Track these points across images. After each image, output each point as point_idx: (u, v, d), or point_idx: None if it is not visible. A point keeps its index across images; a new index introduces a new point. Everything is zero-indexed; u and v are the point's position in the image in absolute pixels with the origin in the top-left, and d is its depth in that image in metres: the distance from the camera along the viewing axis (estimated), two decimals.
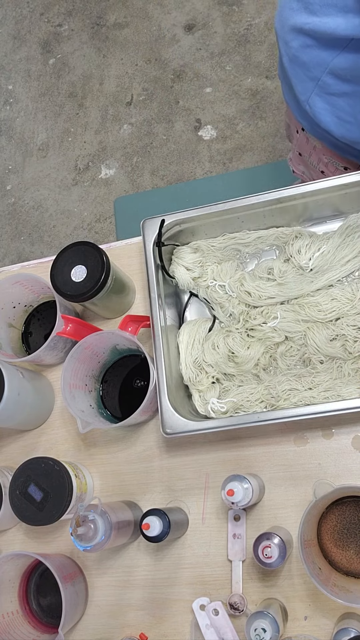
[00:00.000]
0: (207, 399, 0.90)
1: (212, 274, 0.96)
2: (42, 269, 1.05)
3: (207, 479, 0.89)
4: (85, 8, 2.48)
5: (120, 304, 0.99)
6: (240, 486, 0.77)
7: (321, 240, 0.92)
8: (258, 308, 0.93)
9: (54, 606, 0.90)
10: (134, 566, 0.89)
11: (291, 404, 0.86)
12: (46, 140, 2.35)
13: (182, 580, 0.86)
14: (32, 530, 0.94)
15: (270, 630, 0.72)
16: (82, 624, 0.89)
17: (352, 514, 0.80)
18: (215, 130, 2.18)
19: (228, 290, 0.94)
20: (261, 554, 0.75)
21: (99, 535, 0.75)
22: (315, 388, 0.86)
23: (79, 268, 0.90)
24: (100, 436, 0.96)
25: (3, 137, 2.41)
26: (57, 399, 1.00)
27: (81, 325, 0.92)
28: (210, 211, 0.91)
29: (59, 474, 0.83)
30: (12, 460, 0.98)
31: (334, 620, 0.79)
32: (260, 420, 0.81)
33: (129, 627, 0.87)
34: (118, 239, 1.38)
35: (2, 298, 0.96)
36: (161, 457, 0.92)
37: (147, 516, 0.78)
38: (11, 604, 0.88)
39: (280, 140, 2.09)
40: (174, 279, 0.96)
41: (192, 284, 0.96)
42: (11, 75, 2.49)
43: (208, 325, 0.95)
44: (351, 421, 0.86)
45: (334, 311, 0.89)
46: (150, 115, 2.26)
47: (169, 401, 0.84)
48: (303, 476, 0.85)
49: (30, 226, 2.26)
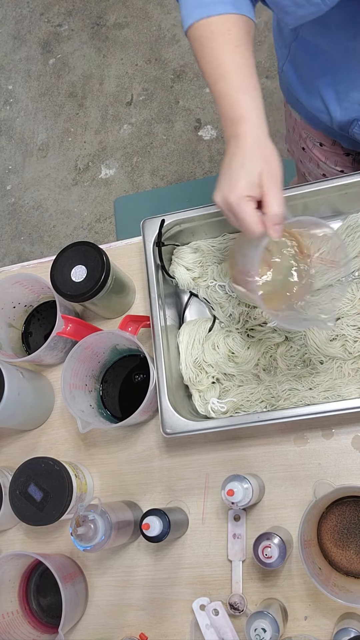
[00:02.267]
0: (207, 398, 0.90)
1: (212, 274, 0.96)
2: (42, 269, 1.05)
3: (207, 479, 0.89)
4: (85, 8, 2.48)
5: (120, 304, 0.99)
6: (240, 486, 0.77)
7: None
8: (258, 308, 0.93)
9: (54, 606, 0.90)
10: (134, 566, 0.89)
11: (291, 404, 0.86)
12: (46, 140, 2.35)
13: (182, 580, 0.86)
14: (32, 530, 0.94)
15: (270, 630, 0.72)
16: (82, 624, 0.89)
17: (352, 514, 0.80)
18: (215, 130, 2.18)
19: (228, 290, 0.94)
20: (261, 554, 0.75)
21: (99, 535, 0.75)
22: (315, 388, 0.86)
23: (79, 268, 0.90)
24: (100, 436, 0.96)
25: (3, 137, 2.41)
26: (57, 399, 1.00)
27: (81, 325, 0.92)
28: (210, 211, 0.91)
29: (59, 474, 0.83)
30: (12, 460, 0.98)
31: (334, 620, 0.79)
32: (260, 420, 0.81)
33: (129, 627, 0.87)
34: (118, 239, 1.38)
35: (2, 298, 0.96)
36: (161, 457, 0.92)
37: (147, 516, 0.78)
38: (11, 604, 0.88)
39: (280, 140, 2.09)
40: (174, 279, 0.96)
41: (192, 284, 0.96)
42: (11, 75, 2.49)
43: (208, 325, 0.95)
44: (351, 421, 0.86)
45: (334, 311, 0.89)
46: (150, 115, 2.26)
47: (169, 401, 0.84)
48: (303, 476, 0.85)
49: (30, 226, 2.26)
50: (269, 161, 0.68)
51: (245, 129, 0.68)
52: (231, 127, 0.69)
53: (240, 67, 0.69)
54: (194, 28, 0.71)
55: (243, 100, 0.68)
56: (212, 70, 0.70)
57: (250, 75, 0.70)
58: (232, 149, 0.69)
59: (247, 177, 0.66)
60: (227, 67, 0.69)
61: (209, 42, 0.70)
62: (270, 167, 0.67)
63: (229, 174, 0.68)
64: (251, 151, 0.67)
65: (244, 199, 0.67)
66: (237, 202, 0.67)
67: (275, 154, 0.69)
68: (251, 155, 0.67)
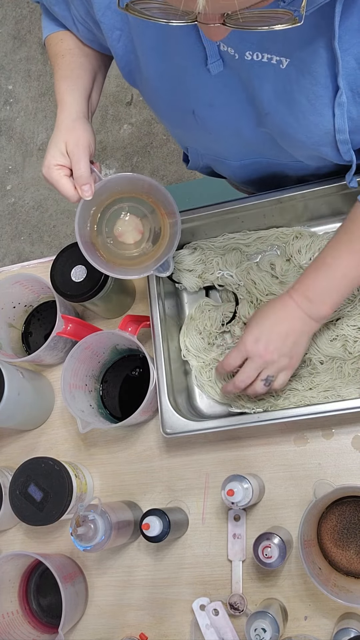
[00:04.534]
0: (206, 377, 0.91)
1: (217, 265, 0.96)
2: (42, 269, 1.05)
3: (207, 479, 0.89)
4: None
5: (120, 304, 0.99)
6: (240, 486, 0.77)
7: (321, 240, 0.92)
8: None
9: (54, 606, 0.90)
10: (134, 566, 0.89)
11: (291, 403, 0.86)
12: (46, 140, 2.35)
13: (182, 580, 0.86)
14: (32, 530, 0.94)
15: (270, 630, 0.72)
16: (82, 624, 0.89)
17: (352, 514, 0.80)
18: None
19: (236, 279, 0.94)
20: (261, 554, 0.75)
21: (99, 535, 0.75)
22: (316, 388, 0.86)
23: (79, 268, 0.90)
24: (100, 436, 0.96)
25: (3, 137, 2.41)
26: (57, 399, 1.00)
27: (81, 325, 0.92)
28: (210, 211, 0.91)
29: (59, 474, 0.83)
30: (12, 460, 0.98)
31: (334, 620, 0.79)
32: (260, 420, 0.81)
33: (129, 627, 0.87)
34: None
35: (2, 298, 0.96)
36: (161, 457, 0.92)
37: (147, 516, 0.78)
38: (11, 604, 0.88)
39: None
40: (180, 284, 0.96)
41: (199, 282, 0.96)
42: (11, 75, 2.49)
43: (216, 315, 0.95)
44: (351, 421, 0.86)
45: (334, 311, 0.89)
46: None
47: (169, 401, 0.84)
48: (303, 476, 0.85)
49: (30, 226, 2.26)
50: (74, 131, 0.74)
51: (61, 110, 0.76)
52: (58, 112, 0.77)
53: (67, 64, 0.80)
54: (49, 38, 0.85)
55: (62, 86, 0.78)
56: (54, 71, 0.82)
57: (73, 69, 0.80)
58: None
59: (54, 149, 0.73)
60: (58, 65, 0.81)
61: (54, 47, 0.84)
62: (75, 136, 0.73)
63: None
64: (60, 127, 0.75)
65: (54, 168, 0.73)
66: (48, 172, 0.74)
67: (84, 127, 0.75)
68: (59, 130, 0.74)
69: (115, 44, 0.73)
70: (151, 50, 0.71)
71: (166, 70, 0.72)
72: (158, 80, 0.75)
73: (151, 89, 0.77)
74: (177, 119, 0.82)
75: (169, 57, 0.70)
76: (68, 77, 0.79)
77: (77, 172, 0.73)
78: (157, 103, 0.80)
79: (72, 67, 0.80)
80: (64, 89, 0.77)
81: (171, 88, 0.75)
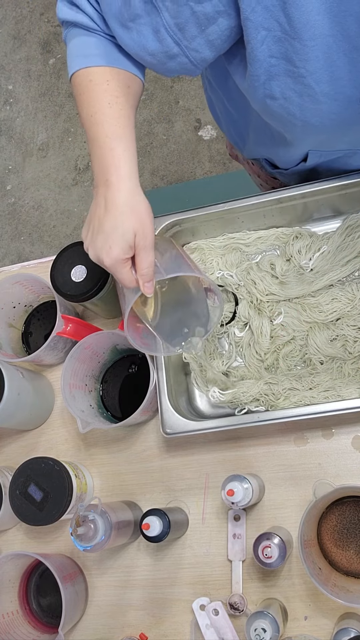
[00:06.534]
0: (208, 387, 0.91)
1: (217, 266, 0.96)
2: (42, 269, 1.05)
3: (207, 479, 0.89)
4: None
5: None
6: (240, 486, 0.77)
7: (321, 240, 0.92)
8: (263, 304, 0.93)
9: (54, 606, 0.90)
10: (134, 566, 0.89)
11: (291, 403, 0.86)
12: (46, 140, 2.35)
13: (182, 580, 0.86)
14: (32, 530, 0.94)
15: (270, 630, 0.72)
16: (82, 624, 0.89)
17: (352, 514, 0.80)
18: (215, 130, 2.18)
19: (235, 279, 0.94)
20: (261, 554, 0.76)
21: (99, 535, 0.75)
22: (316, 388, 0.86)
23: (79, 268, 0.90)
24: (100, 436, 0.96)
25: (3, 137, 2.41)
26: (57, 399, 1.00)
27: (81, 325, 0.92)
28: (210, 211, 0.91)
29: (59, 474, 0.83)
30: (12, 460, 0.98)
31: (334, 620, 0.79)
32: (260, 420, 0.81)
33: (129, 627, 0.87)
34: None
35: (2, 298, 0.96)
36: (161, 457, 0.92)
37: (147, 516, 0.78)
38: (11, 604, 0.88)
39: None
40: None
41: None
42: (11, 75, 2.49)
43: None
44: (351, 421, 0.86)
45: (334, 312, 0.89)
46: (150, 115, 2.26)
47: (169, 401, 0.84)
48: (303, 476, 0.85)
49: (30, 226, 2.26)
50: (142, 220, 0.68)
51: (117, 179, 0.68)
52: (102, 173, 0.68)
53: (116, 117, 0.70)
54: (76, 76, 0.72)
55: (117, 148, 0.68)
56: (88, 116, 0.70)
57: (125, 126, 0.70)
58: (101, 197, 0.68)
59: (121, 243, 0.67)
60: (103, 116, 0.69)
61: (87, 90, 0.71)
62: (143, 228, 0.68)
63: (104, 233, 0.68)
64: (124, 210, 0.67)
65: (120, 262, 0.68)
66: (114, 265, 0.68)
67: (147, 209, 0.69)
68: (124, 215, 0.67)
69: (258, 46, 0.63)
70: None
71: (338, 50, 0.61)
72: (328, 68, 0.63)
73: (309, 86, 0.65)
74: (336, 113, 0.68)
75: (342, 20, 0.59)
76: (121, 136, 0.69)
77: (143, 270, 0.69)
78: (314, 101, 0.66)
79: (123, 123, 0.70)
80: (119, 152, 0.68)
81: (338, 77, 0.63)
